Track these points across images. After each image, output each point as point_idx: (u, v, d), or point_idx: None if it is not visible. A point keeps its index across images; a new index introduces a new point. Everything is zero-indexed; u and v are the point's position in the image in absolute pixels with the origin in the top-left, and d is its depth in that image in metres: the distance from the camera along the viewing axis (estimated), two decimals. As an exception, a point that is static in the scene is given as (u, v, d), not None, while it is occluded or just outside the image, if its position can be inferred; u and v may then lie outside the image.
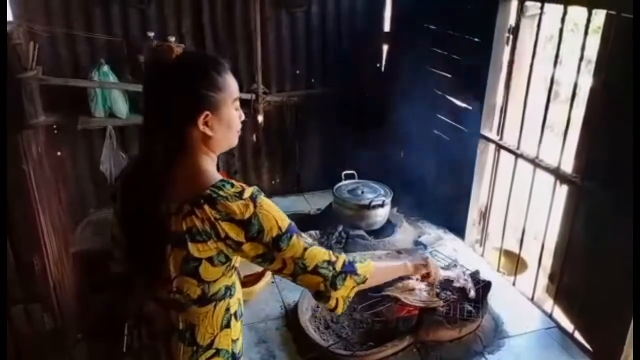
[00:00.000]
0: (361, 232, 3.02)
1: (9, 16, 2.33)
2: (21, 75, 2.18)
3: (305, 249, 1.21)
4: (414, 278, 2.11)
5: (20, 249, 2.22)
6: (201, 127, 1.18)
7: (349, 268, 1.27)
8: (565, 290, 2.49)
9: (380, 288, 2.26)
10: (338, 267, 1.25)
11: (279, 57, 3.51)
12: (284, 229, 1.18)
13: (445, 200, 3.20)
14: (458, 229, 3.20)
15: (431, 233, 3.19)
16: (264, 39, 3.33)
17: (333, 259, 1.25)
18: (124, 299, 1.38)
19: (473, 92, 2.95)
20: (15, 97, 2.11)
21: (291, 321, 2.42)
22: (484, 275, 2.45)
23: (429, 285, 2.19)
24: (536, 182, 2.63)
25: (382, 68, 3.77)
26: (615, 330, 2.16)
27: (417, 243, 3.04)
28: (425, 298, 2.25)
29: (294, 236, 1.19)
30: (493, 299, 2.46)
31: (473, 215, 3.14)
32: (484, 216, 3.13)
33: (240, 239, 1.14)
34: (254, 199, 1.15)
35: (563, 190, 2.49)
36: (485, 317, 2.37)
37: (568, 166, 2.44)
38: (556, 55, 2.40)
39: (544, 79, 2.69)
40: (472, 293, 2.24)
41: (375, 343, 2.20)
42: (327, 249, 1.26)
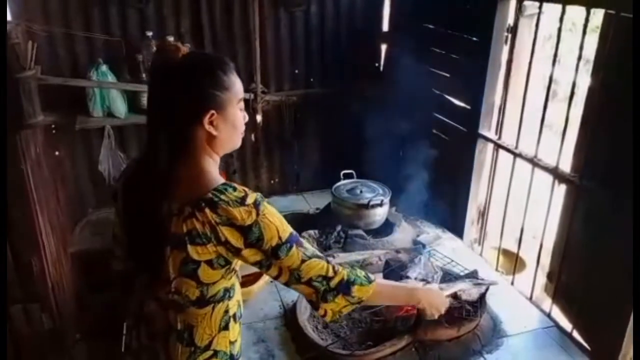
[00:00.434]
0: (360, 232, 3.02)
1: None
2: (20, 75, 2.18)
3: (303, 260, 1.20)
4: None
5: (19, 249, 2.22)
6: (206, 127, 1.18)
7: (344, 289, 1.26)
8: (564, 289, 2.49)
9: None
10: (332, 284, 1.24)
11: (278, 57, 3.51)
12: (284, 238, 1.18)
13: (444, 199, 3.20)
14: (456, 228, 3.20)
15: (430, 232, 3.19)
16: (262, 38, 3.33)
17: (330, 274, 1.24)
18: (124, 298, 1.38)
19: (471, 92, 2.95)
20: (13, 97, 2.11)
21: (290, 321, 2.42)
22: (483, 275, 2.45)
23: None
24: (534, 182, 2.63)
25: (381, 67, 3.77)
26: (614, 330, 2.16)
27: (416, 242, 3.04)
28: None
29: (294, 247, 1.19)
30: (491, 298, 2.46)
31: (471, 215, 3.14)
32: (483, 215, 3.14)
33: (239, 245, 1.14)
34: (257, 205, 1.15)
35: (561, 189, 2.49)
36: (484, 317, 2.37)
37: (566, 165, 2.44)
38: (554, 55, 2.40)
39: (542, 78, 2.69)
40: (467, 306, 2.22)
41: (373, 342, 2.20)
42: (327, 262, 1.24)
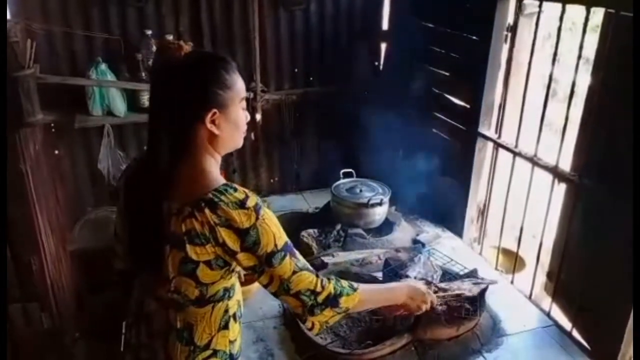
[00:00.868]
0: (359, 231, 3.02)
1: (5, 14, 2.32)
2: (18, 74, 2.17)
3: (295, 272, 1.20)
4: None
5: (18, 248, 2.22)
6: (208, 126, 1.18)
7: (332, 302, 1.26)
8: (564, 288, 2.49)
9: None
10: (320, 299, 1.24)
11: (277, 56, 3.50)
12: (279, 246, 1.17)
13: (444, 198, 3.20)
14: (456, 227, 3.20)
15: (429, 231, 3.19)
16: (262, 37, 3.33)
17: (318, 289, 1.23)
18: (124, 297, 1.38)
19: (471, 91, 2.95)
20: (12, 96, 2.10)
21: (289, 320, 2.42)
22: (482, 274, 2.45)
23: (427, 284, 2.19)
24: (534, 181, 2.63)
25: (380, 66, 3.77)
26: (614, 329, 2.16)
27: (416, 241, 3.04)
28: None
29: (287, 256, 1.19)
30: (491, 297, 2.46)
31: (471, 214, 3.14)
32: (482, 214, 3.14)
33: (235, 248, 1.13)
34: (257, 210, 1.14)
35: (561, 188, 2.49)
36: (483, 316, 2.37)
37: (566, 164, 2.44)
38: (554, 54, 2.40)
39: (542, 77, 2.69)
40: (438, 304, 2.19)
41: (373, 341, 2.20)
42: (316, 276, 1.24)
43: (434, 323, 2.22)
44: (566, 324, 2.44)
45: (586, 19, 2.23)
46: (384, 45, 3.72)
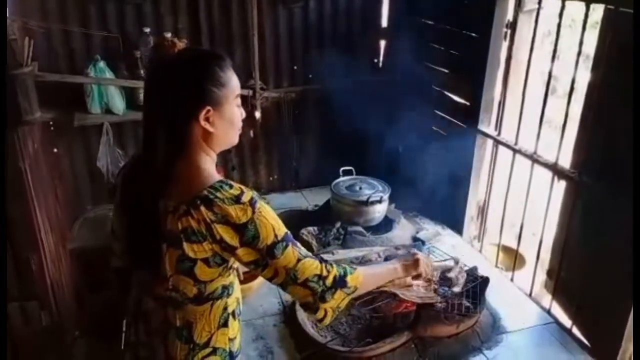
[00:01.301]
0: (359, 229, 3.02)
1: (3, 12, 2.31)
2: (16, 71, 2.16)
3: (299, 259, 1.19)
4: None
5: (17, 247, 2.21)
6: (202, 123, 1.17)
7: (340, 283, 1.26)
8: (564, 285, 2.49)
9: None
10: (328, 283, 1.24)
11: (276, 53, 3.49)
12: (280, 237, 1.17)
13: (444, 196, 3.20)
14: (456, 224, 3.20)
15: (429, 229, 3.19)
16: (261, 34, 3.31)
17: (324, 273, 1.23)
18: (122, 295, 1.37)
19: (471, 88, 2.95)
20: (10, 94, 2.10)
21: (289, 317, 2.42)
22: (482, 271, 2.45)
23: (427, 282, 2.18)
24: (534, 178, 2.62)
25: (380, 63, 3.76)
26: (614, 326, 2.16)
27: (416, 239, 3.04)
28: (422, 294, 2.25)
29: (289, 245, 1.18)
30: (491, 294, 2.46)
31: (471, 211, 3.14)
32: (482, 212, 3.13)
33: (234, 244, 1.13)
34: (252, 204, 1.14)
35: (561, 185, 2.49)
36: (483, 313, 2.37)
37: (566, 162, 2.44)
38: (554, 51, 2.39)
39: (541, 74, 2.69)
40: (457, 289, 2.21)
41: (373, 339, 2.20)
42: (320, 261, 1.24)
43: (434, 320, 2.22)
44: (566, 321, 2.44)
45: (586, 16, 2.22)
46: (383, 43, 3.71)
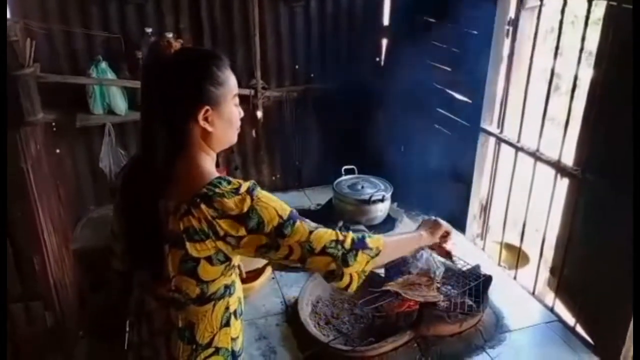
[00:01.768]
0: (361, 227, 3.01)
1: (5, 13, 2.32)
2: (18, 73, 2.17)
3: (311, 232, 1.20)
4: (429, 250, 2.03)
5: (20, 247, 2.22)
6: (201, 123, 1.17)
7: (359, 244, 1.26)
8: (567, 283, 2.48)
9: (380, 283, 2.26)
10: (347, 245, 1.24)
11: (278, 53, 3.49)
12: (285, 217, 1.17)
13: (446, 194, 3.19)
14: (459, 223, 3.18)
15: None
16: (262, 34, 3.31)
17: (341, 238, 1.24)
18: (124, 296, 1.38)
19: (473, 86, 2.93)
20: (12, 95, 2.10)
21: (291, 317, 2.42)
22: (485, 270, 2.45)
23: (429, 280, 2.18)
24: (537, 175, 2.61)
25: (382, 62, 3.75)
26: (617, 324, 2.15)
27: (418, 238, 3.03)
28: (425, 293, 2.25)
29: (297, 222, 1.19)
30: (494, 293, 2.45)
31: (474, 209, 3.13)
32: (485, 210, 3.13)
33: (241, 234, 1.13)
34: (251, 192, 1.14)
35: (564, 183, 2.48)
36: (486, 312, 2.36)
37: (569, 159, 2.43)
38: (556, 48, 2.38)
39: (544, 71, 2.68)
40: (441, 301, 2.20)
41: (375, 338, 2.19)
42: (334, 229, 1.25)
43: (437, 319, 2.21)
44: (570, 319, 2.43)
45: (588, 12, 2.21)
46: (384, 41, 3.71)
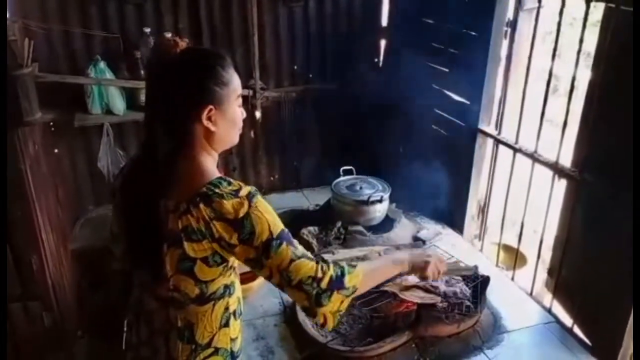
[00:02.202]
0: (360, 228, 3.02)
1: (4, 13, 2.31)
2: (17, 72, 2.17)
3: (292, 260, 1.15)
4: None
5: (19, 248, 2.22)
6: (205, 122, 1.17)
7: (336, 285, 1.20)
8: (565, 284, 2.48)
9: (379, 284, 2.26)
10: (323, 285, 1.18)
11: (277, 53, 3.49)
12: (275, 234, 1.14)
13: (444, 195, 3.20)
14: (457, 224, 3.19)
15: (430, 228, 3.19)
16: (261, 34, 3.32)
17: (319, 275, 1.18)
18: (123, 295, 1.37)
19: (471, 87, 2.94)
20: (10, 94, 2.10)
21: (290, 317, 2.42)
22: (483, 271, 2.45)
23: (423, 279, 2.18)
24: (535, 176, 2.62)
25: (380, 63, 3.76)
26: (615, 325, 2.16)
27: (416, 238, 3.04)
28: (423, 294, 2.25)
29: (284, 244, 1.15)
30: (492, 294, 2.46)
31: (472, 210, 3.14)
32: (483, 211, 3.13)
33: (233, 242, 1.12)
34: (250, 198, 1.13)
35: (562, 184, 2.49)
36: (484, 312, 2.37)
37: (566, 160, 2.44)
38: (554, 49, 2.39)
39: (542, 72, 2.68)
40: (439, 302, 2.21)
41: (373, 339, 2.20)
42: (316, 262, 1.19)
43: (435, 320, 2.22)
44: (567, 320, 2.44)
45: (586, 14, 2.22)
46: (383, 42, 3.71)
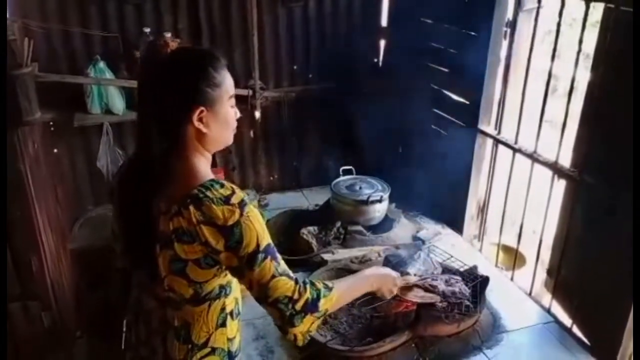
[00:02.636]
0: (359, 228, 3.02)
1: (3, 13, 2.31)
2: (16, 72, 2.17)
3: (274, 276, 1.15)
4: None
5: (18, 247, 2.22)
6: (196, 124, 1.16)
7: (310, 308, 1.20)
8: (564, 284, 2.49)
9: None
10: (298, 307, 1.18)
11: (276, 53, 3.49)
12: (262, 246, 1.14)
13: (444, 195, 3.20)
14: (456, 224, 3.19)
15: (429, 228, 3.19)
16: (261, 34, 3.31)
17: (295, 296, 1.18)
18: (123, 295, 1.38)
19: (471, 87, 2.94)
20: (10, 94, 2.10)
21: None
22: (482, 271, 2.45)
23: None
24: (534, 177, 2.62)
25: (380, 63, 3.76)
26: (614, 325, 2.16)
27: (416, 238, 3.04)
28: (423, 293, 2.25)
29: (268, 258, 1.15)
30: (491, 294, 2.46)
31: (471, 210, 3.14)
32: (482, 211, 3.13)
33: (219, 248, 1.11)
34: (242, 206, 1.12)
35: (561, 184, 2.49)
36: (484, 312, 2.37)
37: (566, 160, 2.44)
38: (554, 50, 2.39)
39: (542, 73, 2.68)
40: (439, 301, 2.18)
41: (373, 339, 2.20)
42: (295, 282, 1.19)
43: (435, 320, 2.22)
44: (566, 320, 2.44)
45: (586, 15, 2.22)
46: (383, 42, 3.71)
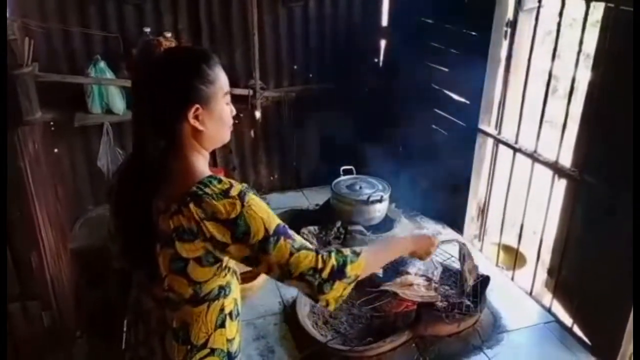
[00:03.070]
0: (359, 228, 3.01)
1: (3, 12, 2.31)
2: (17, 72, 2.17)
3: (292, 253, 1.15)
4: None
5: (18, 247, 2.22)
6: (192, 121, 1.16)
7: (338, 275, 1.20)
8: (564, 284, 2.49)
9: (379, 284, 2.27)
10: (325, 275, 1.18)
11: (277, 53, 3.49)
12: (271, 230, 1.14)
13: (444, 195, 3.20)
14: (457, 224, 3.19)
15: (429, 228, 3.18)
16: (261, 34, 3.31)
17: (320, 265, 1.18)
18: (122, 295, 1.37)
19: (471, 87, 2.94)
20: (10, 94, 2.10)
21: (290, 317, 2.42)
22: (483, 270, 2.45)
23: (428, 281, 2.18)
24: (534, 177, 2.62)
25: (380, 63, 3.76)
26: (614, 324, 2.16)
27: (416, 238, 3.04)
28: (423, 293, 2.26)
29: (281, 239, 1.15)
30: (492, 293, 2.46)
31: (472, 210, 3.13)
32: (483, 211, 3.13)
33: (226, 240, 1.11)
34: (242, 197, 1.12)
35: (561, 184, 2.49)
36: (484, 312, 2.37)
37: (566, 160, 2.44)
38: (554, 50, 2.39)
39: (542, 73, 2.68)
40: (467, 287, 2.20)
41: (373, 338, 2.20)
42: (316, 252, 1.19)
43: (435, 320, 2.22)
44: (567, 320, 2.44)
45: (586, 14, 2.22)
46: (383, 42, 3.71)
